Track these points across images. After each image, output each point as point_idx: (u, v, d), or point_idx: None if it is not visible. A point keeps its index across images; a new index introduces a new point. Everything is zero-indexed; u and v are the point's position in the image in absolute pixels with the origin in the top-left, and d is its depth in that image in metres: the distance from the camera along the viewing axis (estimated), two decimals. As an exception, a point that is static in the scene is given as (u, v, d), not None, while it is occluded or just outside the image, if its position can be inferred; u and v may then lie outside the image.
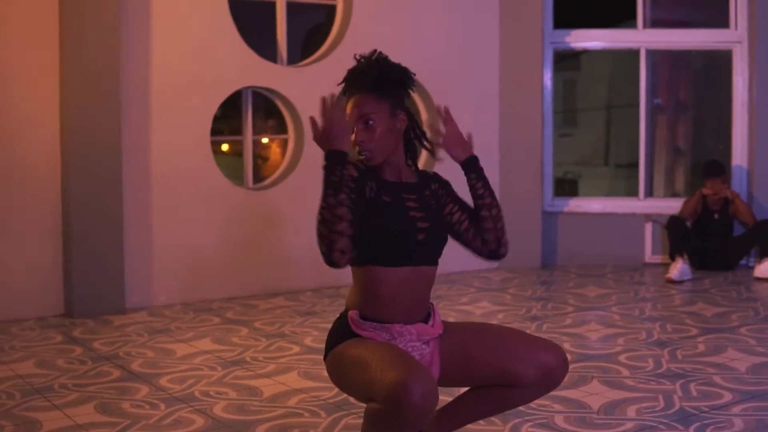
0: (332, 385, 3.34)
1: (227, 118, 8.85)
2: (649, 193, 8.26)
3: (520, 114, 7.71)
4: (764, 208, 7.75)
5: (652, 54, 8.20)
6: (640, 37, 8.05)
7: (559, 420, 3.69)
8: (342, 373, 2.87)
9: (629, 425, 3.60)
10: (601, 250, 7.91)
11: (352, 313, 2.94)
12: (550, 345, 2.93)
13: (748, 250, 7.59)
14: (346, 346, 2.89)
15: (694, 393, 4.03)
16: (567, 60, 16.31)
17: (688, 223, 7.59)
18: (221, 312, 6.15)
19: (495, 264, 7.52)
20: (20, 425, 3.75)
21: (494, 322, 5.41)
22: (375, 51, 2.98)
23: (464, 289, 6.83)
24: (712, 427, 3.55)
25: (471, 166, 3.02)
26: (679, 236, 7.37)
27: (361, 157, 2.94)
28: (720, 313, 5.89)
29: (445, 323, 3.05)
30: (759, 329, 5.39)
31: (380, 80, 2.94)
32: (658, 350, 4.86)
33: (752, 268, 7.49)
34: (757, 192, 7.78)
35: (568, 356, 3.07)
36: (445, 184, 3.11)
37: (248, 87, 6.81)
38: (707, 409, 3.78)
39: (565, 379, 2.99)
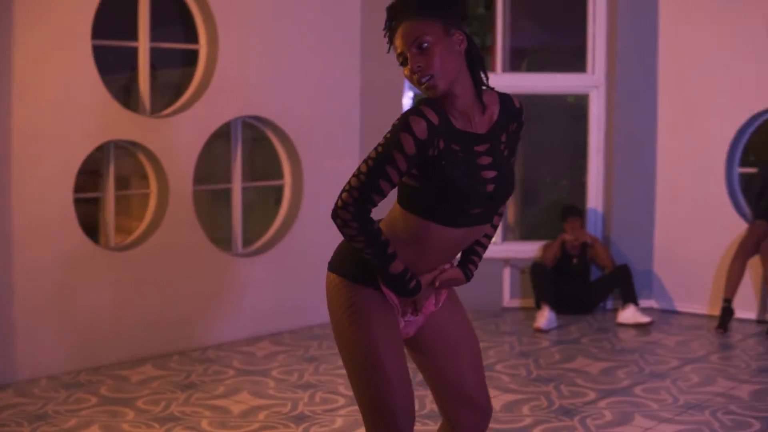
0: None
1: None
2: (506, 237, 8.84)
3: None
4: (620, 252, 8.43)
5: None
6: (500, 81, 8.59)
7: None
8: (350, 347, 3.01)
9: None
10: (461, 295, 8.40)
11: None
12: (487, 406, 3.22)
13: (607, 294, 8.31)
14: (364, 311, 3.00)
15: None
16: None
17: (548, 268, 8.33)
18: (93, 388, 6.08)
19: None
20: None
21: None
22: None
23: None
24: None
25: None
26: (543, 283, 7.97)
27: (422, 86, 2.86)
28: (606, 369, 6.49)
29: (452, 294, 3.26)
30: (652, 389, 5.95)
31: (436, 1, 2.89)
32: (568, 420, 5.40)
33: (609, 311, 8.29)
34: (613, 236, 8.49)
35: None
36: (521, 125, 3.08)
37: (110, 141, 6.75)
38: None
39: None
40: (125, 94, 7.37)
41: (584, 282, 8.35)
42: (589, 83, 8.57)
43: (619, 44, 8.41)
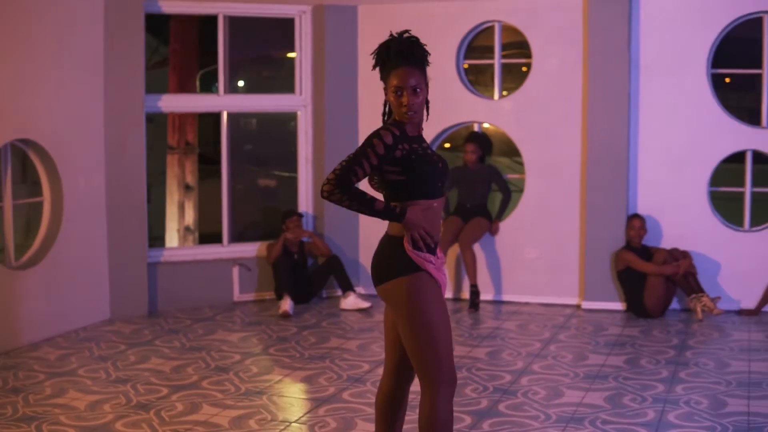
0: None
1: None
2: (233, 238, 10.57)
3: (126, 178, 9.50)
4: (334, 245, 10.46)
5: (233, 116, 10.52)
6: (222, 102, 10.37)
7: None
8: (412, 319, 4.45)
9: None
10: (196, 293, 10.06)
11: (406, 243, 4.49)
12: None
13: (324, 282, 10.27)
14: (416, 289, 4.46)
15: None
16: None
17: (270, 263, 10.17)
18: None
19: (108, 316, 9.51)
20: None
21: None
22: (409, 30, 4.63)
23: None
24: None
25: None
26: (285, 275, 9.84)
27: (406, 115, 4.50)
28: (176, 367, 7.77)
29: None
30: (217, 381, 7.32)
31: (424, 58, 4.59)
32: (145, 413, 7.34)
33: (326, 299, 10.35)
34: (328, 232, 10.54)
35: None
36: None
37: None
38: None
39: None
40: None
41: (303, 273, 10.33)
42: (298, 103, 10.51)
43: (326, 69, 10.41)
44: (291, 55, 11.58)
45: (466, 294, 10.38)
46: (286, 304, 9.66)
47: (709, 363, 7.79)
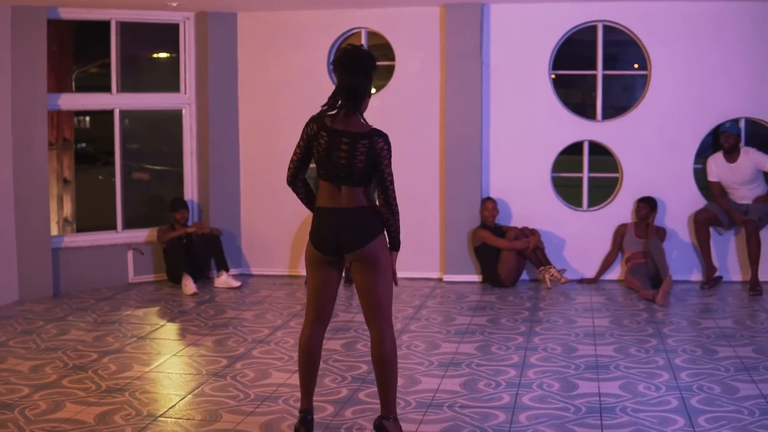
0: None
1: None
2: (126, 225, 11.63)
3: (31, 170, 10.52)
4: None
5: (124, 113, 11.64)
6: (114, 101, 11.46)
7: None
8: (386, 268, 5.76)
9: None
10: (95, 276, 11.15)
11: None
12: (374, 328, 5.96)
13: (209, 261, 11.43)
14: (385, 244, 5.80)
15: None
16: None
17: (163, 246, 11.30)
18: None
19: (17, 298, 10.46)
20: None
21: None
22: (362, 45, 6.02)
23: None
24: None
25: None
26: (181, 258, 11.00)
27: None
28: (34, 367, 9.26)
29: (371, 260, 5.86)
30: (77, 379, 8.12)
31: (372, 66, 5.76)
32: (9, 413, 8.75)
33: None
34: (212, 220, 11.73)
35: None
36: (381, 148, 5.71)
37: None
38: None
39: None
40: None
41: (193, 255, 11.41)
42: (183, 101, 11.68)
43: (209, 70, 11.60)
44: (163, 55, 12.77)
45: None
46: (191, 285, 10.82)
47: (558, 320, 9.33)
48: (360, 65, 5.78)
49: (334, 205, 5.82)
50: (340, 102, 5.81)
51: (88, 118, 18.23)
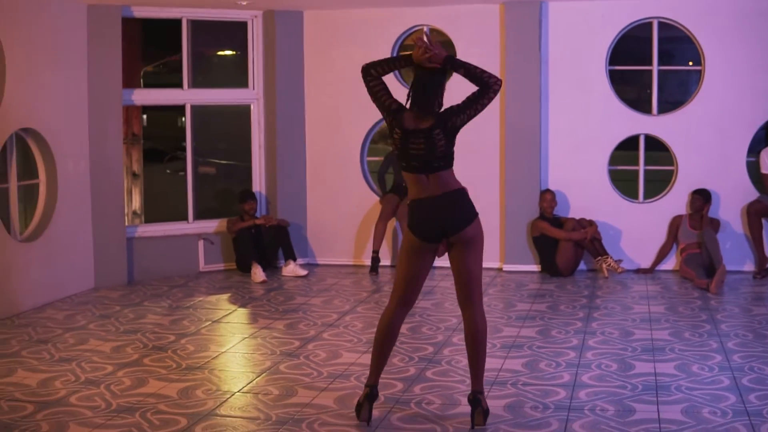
0: None
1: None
2: (197, 216, 12.16)
3: (106, 162, 11.03)
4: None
5: (196, 108, 12.12)
6: (186, 96, 11.98)
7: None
8: (482, 248, 6.15)
9: None
10: (166, 265, 11.66)
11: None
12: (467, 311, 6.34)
13: (277, 251, 11.90)
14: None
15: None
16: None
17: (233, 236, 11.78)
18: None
19: (92, 285, 11.03)
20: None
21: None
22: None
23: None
24: None
25: (452, 65, 6.15)
26: (250, 248, 11.50)
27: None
28: (43, 381, 10.09)
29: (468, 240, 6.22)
30: (87, 396, 7.55)
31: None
32: None
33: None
34: (279, 211, 12.20)
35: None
36: (453, 113, 6.14)
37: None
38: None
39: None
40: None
41: (262, 245, 11.89)
42: (251, 96, 12.20)
43: (276, 66, 12.08)
44: (228, 52, 13.24)
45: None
46: (261, 273, 11.30)
47: (616, 307, 9.69)
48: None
49: (429, 194, 6.20)
50: (413, 97, 6.21)
51: (145, 116, 18.79)
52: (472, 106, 6.17)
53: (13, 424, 6.34)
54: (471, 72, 6.19)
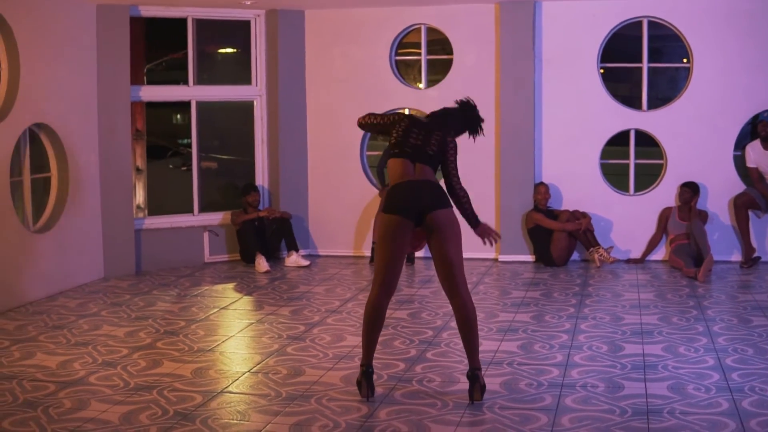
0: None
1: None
2: (202, 209, 12.56)
3: (115, 157, 11.46)
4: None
5: (201, 104, 12.51)
6: (192, 92, 12.40)
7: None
8: (459, 236, 6.50)
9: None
10: (173, 256, 12.09)
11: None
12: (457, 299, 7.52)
13: (278, 243, 12.27)
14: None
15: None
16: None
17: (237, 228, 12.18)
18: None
19: (102, 275, 11.33)
20: None
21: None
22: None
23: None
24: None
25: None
26: (254, 239, 11.89)
27: None
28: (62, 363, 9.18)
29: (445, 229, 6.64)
30: (105, 376, 9.88)
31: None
32: (32, 411, 9.49)
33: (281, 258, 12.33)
34: (282, 203, 12.60)
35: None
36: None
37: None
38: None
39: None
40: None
41: (265, 236, 12.31)
42: (254, 93, 12.61)
43: (279, 64, 12.49)
44: (229, 50, 13.61)
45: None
46: (264, 263, 11.71)
47: (607, 294, 10.11)
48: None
49: (410, 178, 6.61)
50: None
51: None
52: (450, 163, 6.80)
53: (37, 401, 6.71)
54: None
